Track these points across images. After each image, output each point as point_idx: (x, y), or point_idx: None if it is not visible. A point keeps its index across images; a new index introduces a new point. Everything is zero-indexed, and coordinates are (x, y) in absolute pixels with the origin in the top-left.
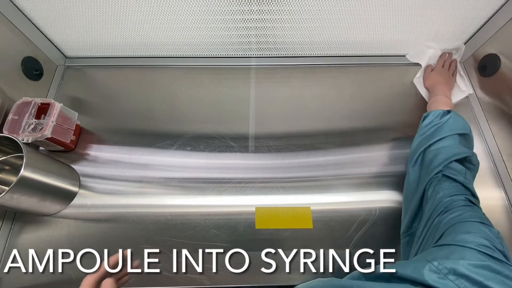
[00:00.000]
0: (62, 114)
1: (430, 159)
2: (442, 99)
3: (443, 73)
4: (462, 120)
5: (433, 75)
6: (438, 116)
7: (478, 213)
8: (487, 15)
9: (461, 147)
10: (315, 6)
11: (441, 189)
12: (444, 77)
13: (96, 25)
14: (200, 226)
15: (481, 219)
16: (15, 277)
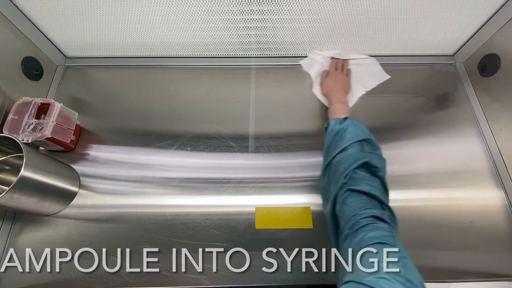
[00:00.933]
0: (62, 114)
1: (334, 171)
2: (338, 107)
3: (337, 77)
4: (360, 126)
5: (327, 81)
6: (336, 125)
7: (378, 232)
8: (487, 15)
9: (360, 153)
10: (315, 6)
11: (347, 207)
12: (338, 82)
13: (96, 25)
14: (200, 226)
15: (380, 239)
16: (15, 277)
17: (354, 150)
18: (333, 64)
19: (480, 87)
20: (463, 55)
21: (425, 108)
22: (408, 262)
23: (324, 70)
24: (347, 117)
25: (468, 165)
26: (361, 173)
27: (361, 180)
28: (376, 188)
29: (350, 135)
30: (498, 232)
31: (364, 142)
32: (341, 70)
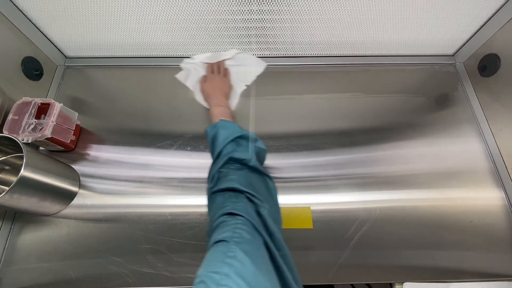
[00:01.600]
0: (62, 114)
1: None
2: (216, 111)
3: (214, 80)
4: (229, 126)
5: (204, 86)
6: (211, 131)
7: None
8: (487, 15)
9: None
10: (315, 6)
11: (212, 211)
12: (215, 84)
13: (96, 25)
14: (200, 226)
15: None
16: (15, 277)
17: (227, 151)
18: (209, 68)
19: (480, 87)
20: (463, 55)
21: (425, 108)
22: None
23: (203, 76)
24: (218, 122)
25: (468, 165)
26: (223, 171)
27: (223, 178)
28: (235, 180)
29: (222, 138)
30: (498, 232)
31: (239, 139)
32: (218, 72)
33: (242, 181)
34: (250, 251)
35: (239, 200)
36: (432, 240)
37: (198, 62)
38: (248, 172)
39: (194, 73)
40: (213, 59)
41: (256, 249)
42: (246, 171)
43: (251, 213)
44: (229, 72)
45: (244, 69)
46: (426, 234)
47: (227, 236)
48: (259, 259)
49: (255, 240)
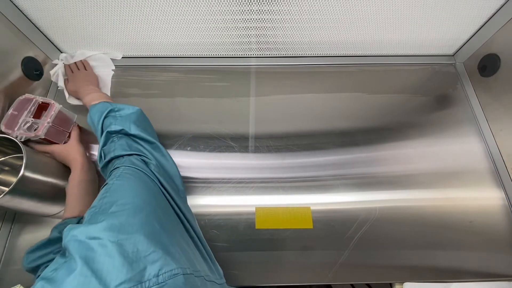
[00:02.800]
0: (60, 116)
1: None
2: (87, 99)
3: (76, 76)
4: (98, 106)
5: (69, 86)
6: (88, 121)
7: None
8: (487, 15)
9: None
10: (315, 6)
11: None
12: (78, 79)
13: (96, 25)
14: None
15: None
16: (15, 277)
17: (104, 128)
18: (68, 69)
19: (480, 87)
20: (463, 55)
21: (425, 108)
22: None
23: (65, 79)
24: (91, 105)
25: (468, 165)
26: (105, 148)
27: (107, 154)
28: (117, 149)
29: (97, 120)
30: (498, 232)
31: (111, 113)
32: (78, 68)
33: (123, 147)
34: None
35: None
36: (432, 240)
37: (60, 66)
38: (128, 139)
39: (60, 82)
40: (69, 61)
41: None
42: (126, 139)
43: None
44: (88, 64)
45: (101, 57)
46: (426, 234)
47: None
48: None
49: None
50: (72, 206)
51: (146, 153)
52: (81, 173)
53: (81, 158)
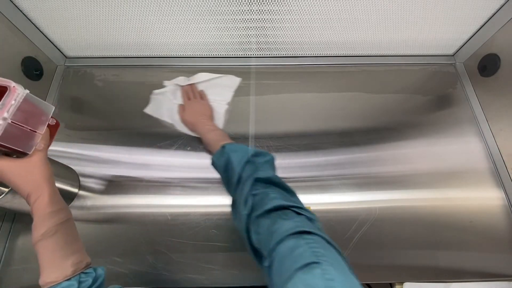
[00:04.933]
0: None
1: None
2: (209, 137)
3: (193, 106)
4: (238, 148)
5: (185, 116)
6: (219, 159)
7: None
8: (487, 15)
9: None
10: (315, 6)
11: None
12: (196, 110)
13: (96, 25)
14: (200, 226)
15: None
16: (15, 277)
17: (246, 174)
18: (184, 95)
19: (480, 87)
20: (463, 55)
21: (425, 108)
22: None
23: (179, 105)
24: (224, 145)
25: (468, 165)
26: (259, 192)
27: (262, 200)
28: (277, 198)
29: (236, 162)
30: (498, 232)
31: (252, 158)
32: (194, 96)
33: (282, 197)
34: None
35: (289, 216)
36: (432, 240)
37: (169, 89)
38: (279, 189)
39: (166, 104)
40: (182, 83)
41: (339, 262)
42: (277, 188)
43: (313, 226)
44: (205, 94)
45: (218, 87)
46: (426, 234)
47: (310, 259)
48: (346, 270)
49: (333, 254)
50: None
51: (299, 204)
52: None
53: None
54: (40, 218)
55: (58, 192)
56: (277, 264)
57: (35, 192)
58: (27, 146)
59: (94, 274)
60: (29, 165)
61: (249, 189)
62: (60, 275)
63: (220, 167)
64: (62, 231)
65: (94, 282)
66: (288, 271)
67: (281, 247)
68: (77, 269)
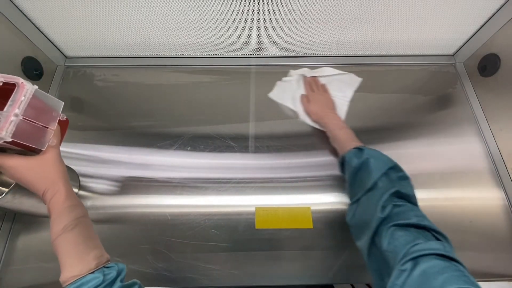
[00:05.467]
0: (36, 104)
1: (366, 206)
2: (340, 134)
3: (319, 99)
4: (379, 156)
5: (311, 107)
6: (354, 160)
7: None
8: (487, 15)
9: (388, 184)
10: (315, 6)
11: (397, 241)
12: (322, 104)
13: (96, 25)
14: (200, 226)
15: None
16: (15, 277)
17: (383, 183)
18: (307, 87)
19: (480, 87)
20: (463, 55)
21: (425, 108)
22: None
23: (302, 95)
24: (362, 148)
25: (468, 165)
26: (403, 205)
27: (405, 213)
28: (423, 217)
29: (375, 169)
30: (498, 232)
31: (390, 170)
32: (317, 89)
33: (426, 219)
34: None
35: (429, 237)
36: None
37: (294, 78)
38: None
39: (290, 91)
40: (308, 73)
41: None
42: (417, 207)
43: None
44: (327, 90)
45: (341, 84)
46: None
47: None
48: None
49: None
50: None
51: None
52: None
53: (62, 184)
54: (58, 213)
55: (72, 189)
56: (421, 277)
57: (51, 189)
58: (40, 142)
59: (117, 268)
60: (44, 162)
61: (387, 198)
62: (84, 268)
63: (352, 166)
64: (81, 226)
65: (118, 275)
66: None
67: (427, 262)
68: (100, 262)
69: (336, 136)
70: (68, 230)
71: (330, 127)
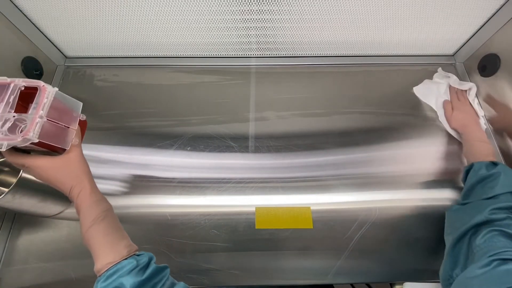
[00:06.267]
0: (57, 105)
1: (477, 206)
2: (479, 146)
3: (465, 110)
4: (511, 174)
5: (456, 116)
6: (482, 169)
7: None
8: (487, 15)
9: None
10: (315, 6)
11: (493, 243)
12: (468, 115)
13: (96, 25)
14: (200, 226)
15: None
16: (15, 277)
17: (506, 198)
18: (454, 95)
19: (480, 87)
20: (463, 55)
21: (425, 108)
22: None
23: (445, 101)
24: (497, 162)
25: None
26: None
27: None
28: None
29: (503, 185)
30: None
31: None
32: (464, 99)
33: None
34: None
35: None
36: (433, 240)
37: (444, 81)
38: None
39: (436, 93)
40: (453, 83)
41: None
42: None
43: None
44: (470, 103)
45: (476, 104)
46: (426, 234)
47: None
48: None
49: None
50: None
51: None
52: (92, 203)
53: (87, 180)
54: (87, 207)
55: (96, 185)
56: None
57: (78, 185)
58: (64, 142)
59: (147, 255)
60: (69, 161)
61: (504, 206)
62: (117, 255)
63: (476, 175)
64: (109, 218)
65: (150, 260)
66: None
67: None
68: (130, 250)
69: (475, 147)
70: (98, 222)
71: (471, 137)
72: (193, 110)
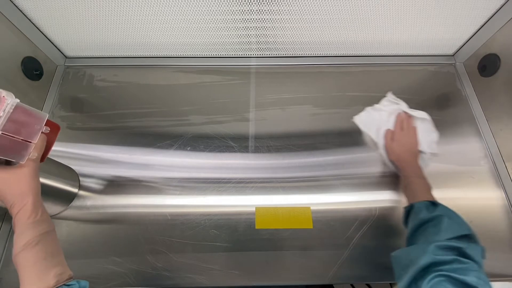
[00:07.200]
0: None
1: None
2: (416, 183)
3: (404, 141)
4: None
5: (393, 147)
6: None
7: None
8: (487, 15)
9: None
10: (315, 6)
11: None
12: (406, 147)
13: (96, 25)
14: (200, 226)
15: None
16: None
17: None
18: (398, 124)
19: (480, 87)
20: (463, 55)
21: (425, 108)
22: None
23: (387, 130)
24: (436, 203)
25: (468, 165)
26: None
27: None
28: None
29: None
30: (498, 232)
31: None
32: (408, 129)
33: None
34: None
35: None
36: None
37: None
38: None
39: (378, 122)
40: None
41: None
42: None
43: None
44: (416, 133)
45: (428, 134)
46: None
47: None
48: None
49: None
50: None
51: None
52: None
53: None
54: (22, 228)
55: (42, 204)
56: None
57: (18, 203)
58: (19, 156)
59: (78, 285)
60: (18, 175)
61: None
62: (43, 285)
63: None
64: (44, 242)
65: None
66: None
67: None
68: (60, 280)
69: (411, 183)
70: (30, 247)
71: (407, 173)
72: (193, 110)
